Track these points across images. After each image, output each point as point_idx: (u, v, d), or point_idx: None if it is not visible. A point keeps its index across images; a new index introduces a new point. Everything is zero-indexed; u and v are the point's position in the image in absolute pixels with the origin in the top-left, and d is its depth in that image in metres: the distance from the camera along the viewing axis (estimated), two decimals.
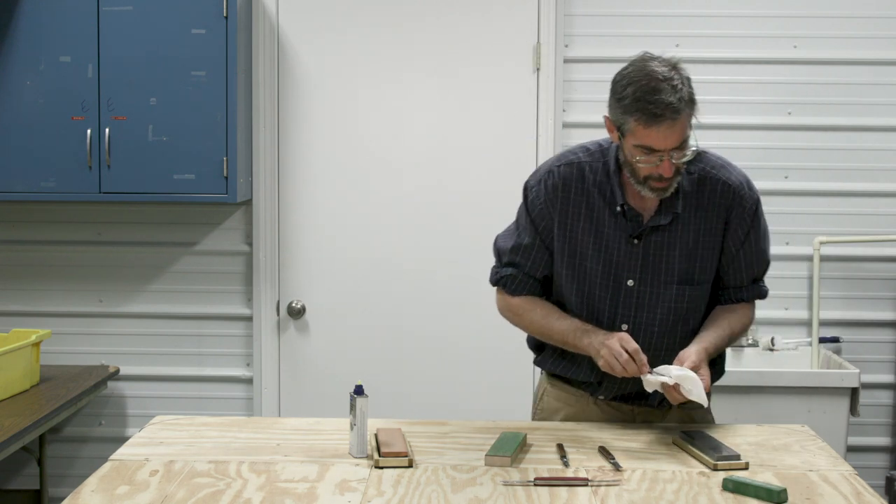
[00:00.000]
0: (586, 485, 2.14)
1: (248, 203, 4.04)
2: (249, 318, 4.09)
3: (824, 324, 4.01)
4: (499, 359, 4.04)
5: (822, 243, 3.94)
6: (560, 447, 2.36)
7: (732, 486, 2.10)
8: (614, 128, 2.38)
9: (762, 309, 4.00)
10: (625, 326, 2.49)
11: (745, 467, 2.23)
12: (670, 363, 2.42)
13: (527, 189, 2.57)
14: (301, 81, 4.02)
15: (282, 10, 4.00)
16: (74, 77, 3.72)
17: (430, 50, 4.01)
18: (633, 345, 2.37)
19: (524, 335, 2.74)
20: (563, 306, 2.57)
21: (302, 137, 4.03)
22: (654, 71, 2.30)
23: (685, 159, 2.36)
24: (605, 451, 2.33)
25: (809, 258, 3.99)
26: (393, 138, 4.03)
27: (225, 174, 3.74)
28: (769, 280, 2.69)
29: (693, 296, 2.49)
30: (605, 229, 2.47)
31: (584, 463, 2.27)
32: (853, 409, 3.70)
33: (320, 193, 4.05)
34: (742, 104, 4.00)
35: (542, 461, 2.29)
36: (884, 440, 4.09)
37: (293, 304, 4.06)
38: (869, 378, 3.96)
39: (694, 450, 2.31)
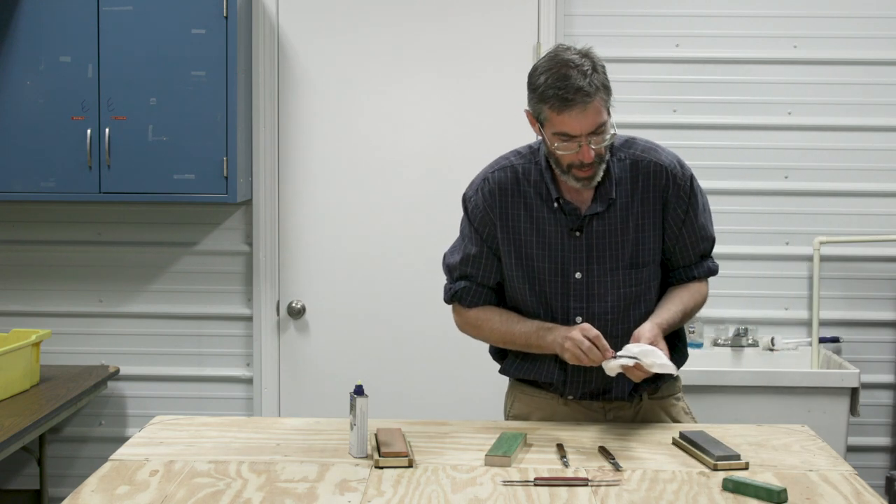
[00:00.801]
0: (586, 485, 2.14)
1: (248, 203, 4.05)
2: (249, 318, 4.09)
3: (824, 324, 4.01)
4: None
5: (822, 243, 3.94)
6: (560, 447, 2.36)
7: (732, 486, 2.10)
8: (534, 120, 2.42)
9: (762, 309, 4.05)
10: (579, 318, 2.51)
11: (745, 467, 2.23)
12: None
13: (465, 200, 2.60)
14: (301, 81, 4.02)
15: (282, 10, 4.00)
16: (74, 77, 3.72)
17: (431, 50, 4.01)
18: (593, 332, 2.39)
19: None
20: (518, 311, 2.59)
21: (302, 137, 4.03)
22: (564, 59, 2.34)
23: (604, 144, 2.39)
24: (605, 451, 2.33)
25: (809, 258, 3.99)
26: (393, 138, 4.03)
27: (225, 174, 3.74)
28: (770, 279, 2.70)
29: (640, 278, 2.52)
30: (546, 226, 2.50)
31: (584, 463, 2.28)
32: (853, 409, 3.70)
33: (320, 193, 4.05)
34: (742, 104, 4.00)
35: (542, 461, 2.29)
36: (884, 440, 4.09)
37: (293, 304, 4.06)
38: (869, 378, 3.96)
39: (694, 450, 2.31)
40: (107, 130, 3.73)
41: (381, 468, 2.23)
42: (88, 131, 3.73)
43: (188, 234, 4.07)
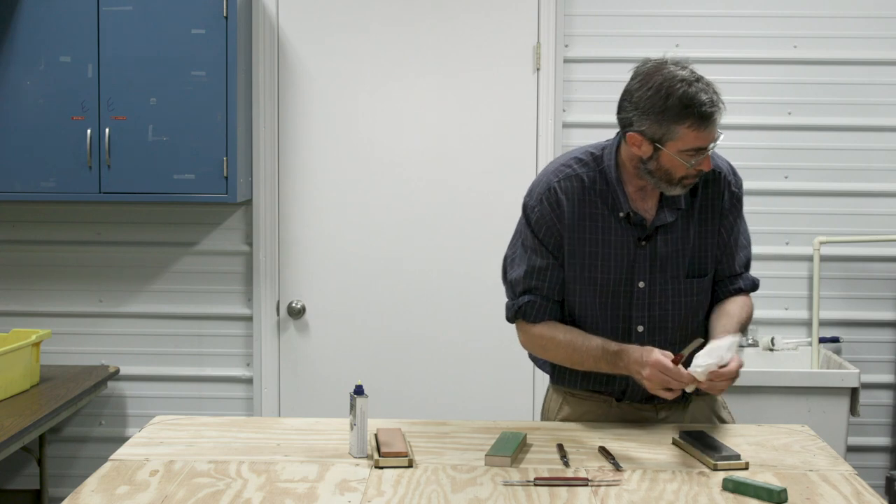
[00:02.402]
0: (586, 485, 2.14)
1: (248, 203, 4.05)
2: (249, 318, 4.09)
3: (824, 324, 4.01)
4: (499, 359, 4.04)
5: (822, 243, 3.94)
6: (560, 447, 2.36)
7: (732, 486, 2.10)
8: (646, 141, 2.37)
9: (762, 309, 4.03)
10: (640, 328, 2.50)
11: (745, 467, 2.23)
12: (690, 357, 2.45)
13: (528, 209, 2.54)
14: (301, 81, 4.02)
15: (282, 10, 4.00)
16: (74, 77, 3.72)
17: (431, 50, 4.01)
18: (668, 365, 2.33)
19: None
20: (576, 319, 2.55)
21: (302, 137, 4.03)
22: (682, 77, 2.33)
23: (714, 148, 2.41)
24: (605, 451, 2.33)
25: (809, 258, 3.99)
26: (393, 138, 4.03)
27: (225, 174, 3.74)
28: (770, 279, 2.71)
29: (701, 288, 2.53)
30: (612, 236, 2.48)
31: (584, 463, 2.28)
32: (853, 409, 3.70)
33: (320, 193, 4.05)
34: (742, 104, 4.00)
35: (542, 461, 2.29)
36: (884, 440, 4.09)
37: (293, 304, 4.06)
38: (869, 378, 3.96)
39: (694, 450, 2.31)
40: (107, 130, 3.73)
41: (381, 468, 2.23)
42: (88, 131, 3.73)
43: (188, 234, 4.07)
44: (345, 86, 4.02)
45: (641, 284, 2.49)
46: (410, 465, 2.24)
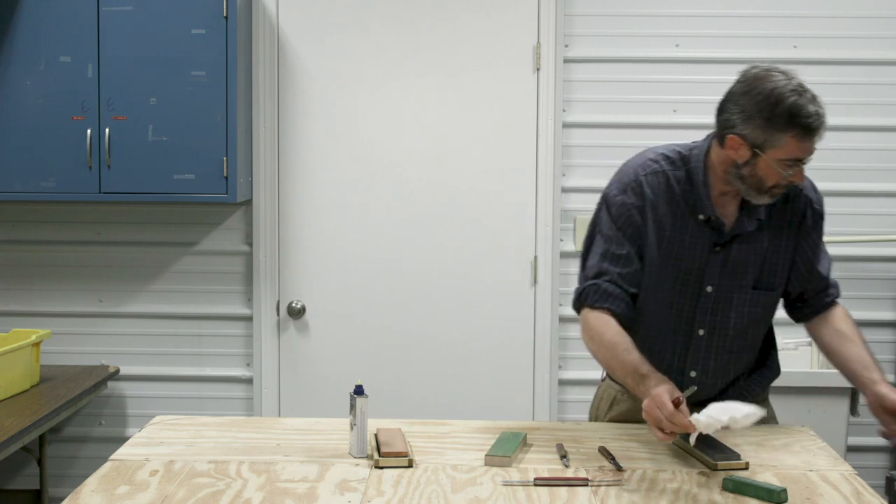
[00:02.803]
0: (586, 485, 2.14)
1: (248, 203, 4.05)
2: (249, 318, 4.09)
3: None
4: (499, 359, 4.04)
5: None
6: (560, 447, 2.36)
7: (732, 486, 2.10)
8: (746, 145, 2.35)
9: None
10: (701, 331, 2.51)
11: (745, 467, 2.23)
12: (738, 366, 2.52)
13: (609, 200, 2.51)
14: (301, 81, 4.02)
15: (282, 10, 4.00)
16: (74, 77, 3.72)
17: (431, 50, 4.01)
18: (665, 402, 2.15)
19: (524, 335, 2.73)
20: (640, 317, 2.51)
21: (302, 137, 4.03)
22: (792, 87, 2.34)
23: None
24: (605, 451, 2.33)
25: None
26: (393, 138, 4.03)
27: (225, 174, 3.74)
28: None
29: (766, 301, 2.53)
30: (689, 237, 2.47)
31: (584, 463, 2.28)
32: (853, 409, 3.70)
33: (320, 193, 4.05)
34: None
35: (542, 461, 2.29)
36: (884, 440, 4.08)
37: (293, 304, 4.06)
38: None
39: (694, 450, 2.31)
40: (107, 130, 3.73)
41: (381, 468, 2.23)
42: (88, 131, 3.73)
43: (188, 234, 4.07)
44: (345, 86, 4.02)
45: (709, 289, 2.49)
46: (410, 465, 2.24)
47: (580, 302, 2.51)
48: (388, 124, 4.03)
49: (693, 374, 2.52)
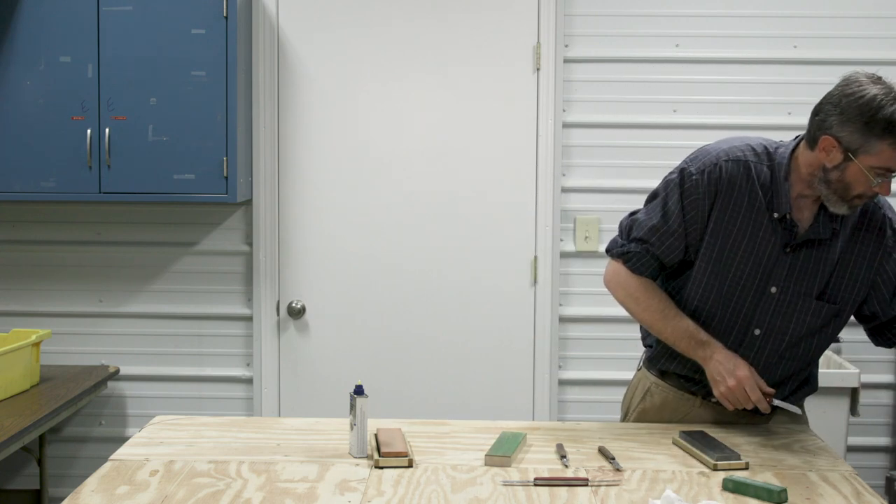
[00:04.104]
0: (586, 485, 2.14)
1: (248, 203, 4.05)
2: (249, 318, 4.09)
3: None
4: (499, 359, 4.04)
5: None
6: (560, 447, 2.36)
7: (732, 486, 2.10)
8: (839, 148, 2.33)
9: None
10: (757, 331, 2.49)
11: (745, 467, 2.23)
12: (789, 374, 2.54)
13: (684, 175, 2.48)
14: (301, 81, 4.02)
15: (282, 10, 4.00)
16: (74, 77, 3.72)
17: (431, 50, 4.01)
18: (754, 389, 2.42)
19: (524, 335, 2.73)
20: (686, 306, 2.53)
21: (302, 137, 4.03)
22: (894, 95, 2.30)
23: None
24: (605, 451, 2.33)
25: None
26: (393, 138, 4.03)
27: (225, 174, 3.74)
28: None
29: (827, 314, 2.49)
30: (761, 233, 2.45)
31: (584, 463, 2.28)
32: (853, 409, 3.70)
33: (320, 193, 4.05)
34: (742, 104, 4.00)
35: (542, 461, 2.29)
36: (884, 440, 4.09)
37: (293, 304, 4.06)
38: (869, 378, 3.95)
39: (694, 450, 2.31)
40: (107, 130, 3.73)
41: (381, 468, 2.23)
42: (88, 131, 3.73)
43: (188, 234, 4.07)
44: (345, 86, 4.02)
45: (773, 290, 2.47)
46: (410, 465, 2.24)
47: (622, 257, 2.54)
48: (389, 124, 4.03)
49: None
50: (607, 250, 2.60)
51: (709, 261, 2.48)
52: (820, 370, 3.79)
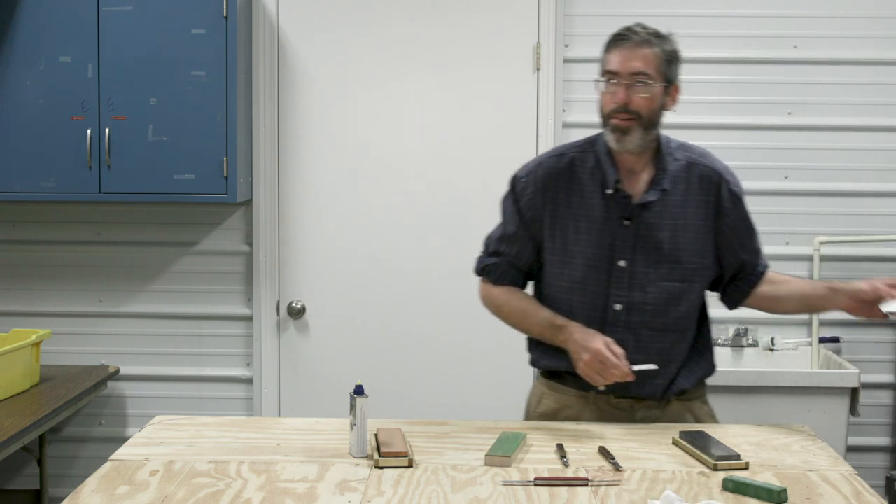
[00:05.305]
0: (586, 485, 2.14)
1: (248, 203, 4.05)
2: (249, 318, 4.09)
3: (824, 324, 4.00)
4: (499, 359, 4.04)
5: (822, 243, 3.94)
6: (560, 447, 2.36)
7: (732, 486, 2.10)
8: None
9: None
10: (618, 306, 2.55)
11: (745, 467, 2.23)
12: (664, 346, 2.56)
13: (515, 180, 2.66)
14: (301, 81, 4.02)
15: (282, 10, 4.00)
16: (74, 77, 3.72)
17: (431, 50, 4.01)
18: (608, 357, 2.45)
19: (523, 335, 2.75)
20: (552, 298, 2.62)
21: (302, 137, 4.03)
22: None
23: (643, 95, 2.49)
24: (605, 451, 2.33)
25: (809, 258, 3.99)
26: (393, 138, 4.03)
27: (225, 174, 3.74)
28: None
29: (683, 276, 2.56)
30: (596, 212, 2.55)
31: (584, 463, 2.28)
32: (853, 409, 3.70)
33: (320, 193, 4.05)
34: (742, 104, 4.00)
35: (542, 461, 2.29)
36: (884, 440, 4.09)
37: (293, 304, 4.06)
38: (869, 378, 3.96)
39: (694, 450, 2.31)
40: (107, 130, 3.73)
41: (381, 468, 2.23)
42: (88, 131, 3.73)
43: (188, 234, 4.07)
44: (345, 86, 4.02)
45: (622, 263, 2.54)
46: (410, 465, 2.24)
47: (483, 273, 2.71)
48: (389, 124, 4.03)
49: None
50: (474, 270, 2.74)
51: (554, 251, 2.59)
52: (820, 370, 3.82)
